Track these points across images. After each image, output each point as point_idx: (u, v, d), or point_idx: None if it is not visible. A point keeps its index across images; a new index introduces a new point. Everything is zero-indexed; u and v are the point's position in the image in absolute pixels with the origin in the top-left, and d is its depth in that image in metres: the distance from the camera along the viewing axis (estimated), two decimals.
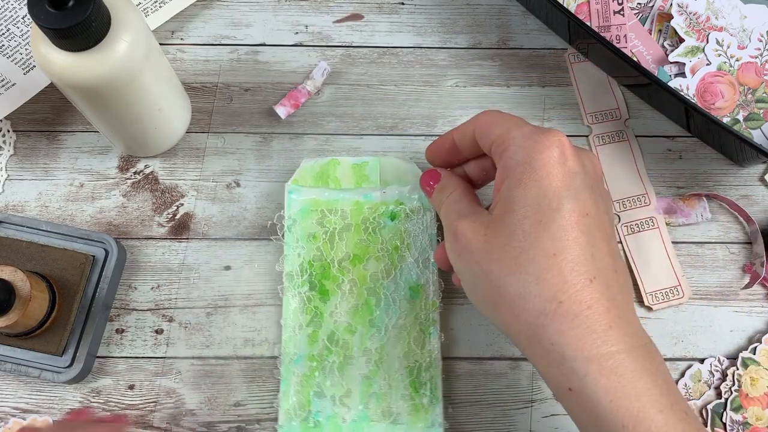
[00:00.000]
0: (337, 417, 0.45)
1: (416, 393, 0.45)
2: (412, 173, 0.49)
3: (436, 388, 0.45)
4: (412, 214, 0.48)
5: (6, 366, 0.45)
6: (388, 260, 0.47)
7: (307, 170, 0.49)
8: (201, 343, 0.47)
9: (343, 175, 0.49)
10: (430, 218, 0.48)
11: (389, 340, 0.46)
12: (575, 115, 0.52)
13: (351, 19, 0.55)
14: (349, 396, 0.45)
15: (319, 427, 0.45)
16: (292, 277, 0.47)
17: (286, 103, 0.51)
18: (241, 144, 0.51)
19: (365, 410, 0.45)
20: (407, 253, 0.47)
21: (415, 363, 0.45)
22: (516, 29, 0.54)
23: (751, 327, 0.48)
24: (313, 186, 0.48)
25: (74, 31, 0.37)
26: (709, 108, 0.51)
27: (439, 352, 0.46)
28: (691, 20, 0.52)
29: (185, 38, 0.54)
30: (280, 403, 0.45)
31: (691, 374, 0.47)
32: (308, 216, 0.48)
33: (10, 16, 0.51)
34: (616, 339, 0.33)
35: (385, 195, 0.48)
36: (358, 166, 0.49)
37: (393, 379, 0.45)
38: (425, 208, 0.48)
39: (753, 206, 0.51)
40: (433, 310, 0.46)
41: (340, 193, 0.48)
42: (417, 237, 0.48)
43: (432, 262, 0.47)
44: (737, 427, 0.46)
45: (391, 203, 0.48)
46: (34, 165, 0.51)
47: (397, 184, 0.48)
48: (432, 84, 0.53)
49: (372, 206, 0.48)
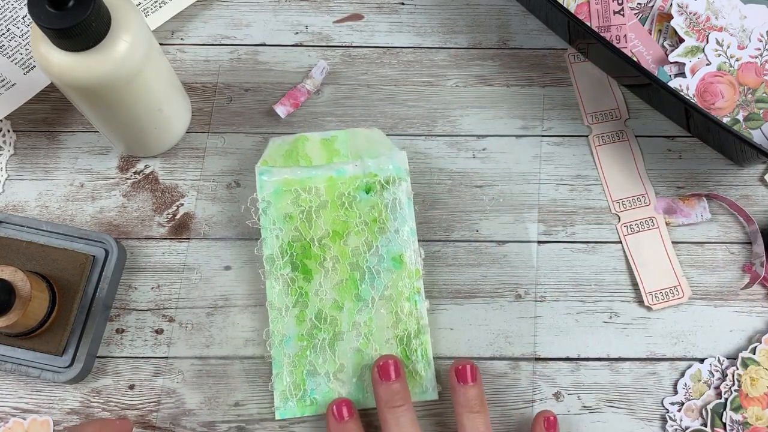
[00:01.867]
0: (333, 392, 0.45)
1: (408, 360, 0.46)
2: (382, 143, 0.49)
3: (426, 354, 0.46)
4: (387, 185, 0.48)
5: (6, 366, 0.45)
6: (368, 233, 0.47)
7: (275, 149, 0.49)
8: (201, 343, 0.47)
9: (312, 151, 0.49)
10: (406, 187, 0.48)
11: (377, 312, 0.46)
12: (575, 115, 0.52)
13: (351, 19, 0.55)
14: (342, 371, 0.46)
15: (316, 404, 0.45)
16: (272, 260, 0.47)
17: (286, 103, 0.51)
18: (241, 144, 0.51)
19: (359, 382, 0.45)
20: (386, 224, 0.47)
21: (404, 332, 0.46)
22: (516, 29, 0.54)
23: (751, 327, 0.48)
24: (284, 165, 0.48)
25: (74, 31, 0.37)
26: (709, 108, 0.51)
27: (426, 319, 0.46)
28: (691, 20, 0.52)
29: (185, 38, 0.54)
30: (274, 386, 0.45)
31: (691, 374, 0.47)
32: (282, 197, 0.48)
33: (10, 16, 0.51)
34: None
35: (357, 168, 0.48)
36: (327, 140, 0.49)
37: (384, 349, 0.46)
38: (400, 177, 0.48)
39: (753, 206, 0.51)
40: (417, 278, 0.47)
41: (312, 170, 0.48)
42: (394, 207, 0.48)
43: (412, 230, 0.47)
44: (737, 427, 0.46)
45: (365, 176, 0.48)
46: (34, 165, 0.51)
47: (368, 156, 0.48)
48: (432, 84, 0.53)
49: (346, 181, 0.48)
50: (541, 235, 0.50)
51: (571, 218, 0.50)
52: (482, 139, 0.52)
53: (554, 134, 0.52)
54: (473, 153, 0.51)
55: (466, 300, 0.48)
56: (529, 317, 0.48)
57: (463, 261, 0.49)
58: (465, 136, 0.52)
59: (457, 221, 0.50)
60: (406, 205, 0.48)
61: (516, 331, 0.48)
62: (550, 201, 0.50)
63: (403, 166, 0.48)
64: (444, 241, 0.49)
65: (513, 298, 0.49)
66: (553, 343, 0.48)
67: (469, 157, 0.51)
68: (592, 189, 0.51)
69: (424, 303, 0.47)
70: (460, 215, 0.50)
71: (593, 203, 0.51)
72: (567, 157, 0.51)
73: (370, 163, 0.48)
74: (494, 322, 0.48)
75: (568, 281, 0.49)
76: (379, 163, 0.48)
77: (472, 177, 0.51)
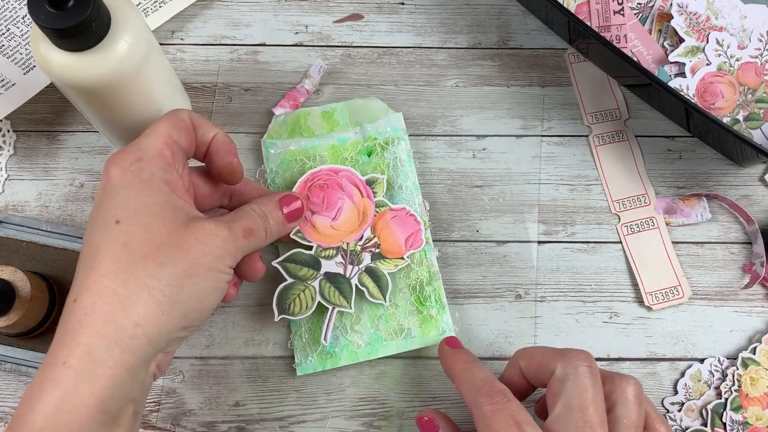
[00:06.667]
0: (351, 344, 0.46)
1: (422, 306, 0.47)
2: (379, 109, 0.51)
3: (440, 298, 0.47)
4: (387, 145, 0.49)
5: (6, 366, 0.45)
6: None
7: (279, 124, 0.50)
8: (201, 343, 0.47)
9: (314, 123, 0.50)
10: (405, 145, 0.50)
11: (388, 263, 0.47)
12: (575, 115, 0.52)
13: (351, 19, 0.55)
14: (359, 322, 0.47)
15: (336, 356, 0.46)
16: None
17: (285, 104, 0.51)
18: (241, 144, 0.51)
19: (377, 332, 0.46)
20: (390, 181, 0.49)
21: (416, 280, 0.47)
22: (516, 29, 0.54)
23: (751, 327, 0.48)
24: (288, 137, 0.50)
25: (74, 31, 0.37)
26: (709, 108, 0.51)
27: (436, 266, 0.48)
28: (691, 20, 0.52)
29: (185, 38, 0.54)
30: (293, 344, 0.46)
31: (691, 374, 0.47)
32: (289, 166, 0.49)
33: (10, 16, 0.51)
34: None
35: (357, 134, 0.50)
36: (327, 113, 0.51)
37: (398, 298, 0.47)
38: (398, 137, 0.50)
39: (753, 206, 0.51)
40: (426, 229, 0.48)
41: (315, 140, 0.50)
42: (396, 165, 0.49)
43: (415, 185, 0.49)
44: (737, 427, 0.46)
45: (365, 140, 0.50)
46: (34, 165, 0.51)
47: (367, 122, 0.50)
48: (432, 84, 0.53)
49: (347, 147, 0.50)
50: (541, 235, 0.50)
51: (571, 218, 0.50)
52: (482, 139, 0.52)
53: (554, 134, 0.52)
54: (473, 153, 0.51)
55: (466, 300, 0.48)
56: (529, 317, 0.48)
57: (463, 261, 0.49)
58: (465, 136, 0.52)
59: (457, 221, 0.50)
60: (406, 162, 0.49)
61: (516, 331, 0.48)
62: (550, 201, 0.51)
63: (400, 126, 0.50)
64: (444, 241, 0.49)
65: (513, 298, 0.49)
66: (554, 343, 0.48)
67: (469, 157, 0.51)
68: (592, 189, 0.51)
69: (434, 251, 0.48)
70: (460, 215, 0.50)
71: (593, 203, 0.51)
72: (567, 157, 0.51)
73: (368, 127, 0.50)
74: (494, 322, 0.48)
75: (568, 281, 0.49)
76: (377, 127, 0.50)
77: (472, 177, 0.51)
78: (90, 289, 0.34)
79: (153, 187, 0.36)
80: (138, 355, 0.33)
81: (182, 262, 0.35)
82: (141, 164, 0.36)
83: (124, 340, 0.33)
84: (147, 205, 0.35)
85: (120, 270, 0.34)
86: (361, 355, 0.46)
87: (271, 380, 0.47)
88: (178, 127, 0.39)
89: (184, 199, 0.38)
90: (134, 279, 0.34)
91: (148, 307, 0.34)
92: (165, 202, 0.36)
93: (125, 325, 0.33)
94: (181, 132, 0.39)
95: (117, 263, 0.34)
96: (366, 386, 0.47)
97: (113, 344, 0.33)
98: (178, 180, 0.38)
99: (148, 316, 0.34)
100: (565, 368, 0.37)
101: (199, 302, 0.36)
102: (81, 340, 0.33)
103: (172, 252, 0.35)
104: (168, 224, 0.35)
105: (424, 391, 0.47)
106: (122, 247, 0.34)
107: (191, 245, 0.35)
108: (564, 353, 0.38)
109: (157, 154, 0.37)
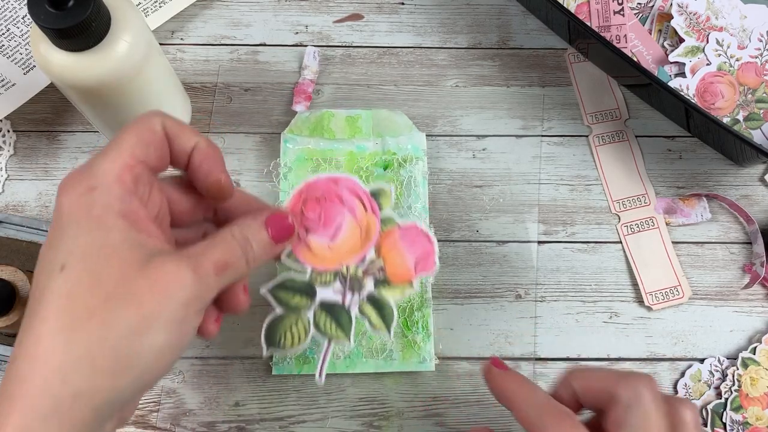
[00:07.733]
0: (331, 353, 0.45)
1: (408, 330, 0.47)
2: (404, 125, 0.50)
3: (427, 326, 0.47)
4: (405, 163, 0.49)
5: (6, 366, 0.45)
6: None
7: (302, 121, 0.50)
8: (201, 343, 0.47)
9: (337, 126, 0.50)
10: (422, 166, 0.49)
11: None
12: (575, 115, 0.52)
13: (351, 19, 0.55)
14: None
15: (313, 363, 0.46)
16: None
17: (299, 99, 0.52)
18: (241, 144, 0.51)
19: (358, 347, 0.46)
20: (400, 200, 0.48)
21: (407, 303, 0.47)
22: (516, 29, 0.54)
23: (751, 327, 0.48)
24: (308, 136, 0.50)
25: (74, 31, 0.37)
26: (709, 108, 0.51)
27: (430, 293, 0.47)
28: (691, 20, 0.52)
29: (185, 38, 0.54)
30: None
31: (691, 374, 0.47)
32: (303, 164, 0.49)
33: (10, 16, 0.51)
34: None
35: (377, 145, 0.50)
36: (352, 118, 0.50)
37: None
38: (417, 157, 0.49)
39: (753, 206, 0.51)
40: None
41: (335, 143, 0.49)
42: (409, 184, 0.49)
43: (424, 207, 0.48)
44: (737, 427, 0.46)
45: (384, 153, 0.49)
46: (34, 165, 0.51)
47: (389, 135, 0.50)
48: (432, 84, 0.53)
49: (365, 156, 0.49)
50: (541, 235, 0.50)
51: (571, 218, 0.50)
52: (482, 139, 0.52)
53: (554, 134, 0.52)
54: (473, 153, 0.51)
55: (466, 300, 0.48)
56: (529, 317, 0.48)
57: (463, 261, 0.49)
58: (465, 136, 0.52)
59: (457, 221, 0.50)
60: (421, 184, 0.49)
61: (516, 331, 0.48)
62: (550, 201, 0.51)
63: (422, 146, 0.50)
64: (444, 241, 0.49)
65: (513, 298, 0.49)
66: (554, 343, 0.48)
67: (469, 157, 0.51)
68: (592, 189, 0.51)
69: (431, 278, 0.48)
70: (460, 215, 0.50)
71: (593, 203, 0.51)
72: (567, 157, 0.51)
73: (390, 141, 0.50)
74: (494, 322, 0.48)
75: (568, 281, 0.49)
76: (398, 142, 0.50)
77: (472, 177, 0.51)
78: (27, 351, 0.29)
79: (106, 224, 0.30)
80: (80, 427, 0.29)
81: (134, 317, 0.29)
82: (93, 195, 0.30)
83: (62, 411, 0.28)
84: (99, 247, 0.30)
85: (61, 328, 0.29)
86: (338, 366, 0.46)
87: (271, 380, 0.47)
88: (146, 141, 0.32)
89: (148, 231, 0.32)
90: (76, 341, 0.29)
91: (92, 375, 0.29)
92: (121, 241, 0.30)
93: (62, 397, 0.28)
94: (150, 147, 0.32)
95: (59, 320, 0.29)
96: (366, 386, 0.47)
97: (49, 417, 0.28)
98: (140, 210, 0.32)
99: (91, 385, 0.29)
100: (628, 395, 0.35)
101: (155, 361, 0.30)
102: (14, 416, 0.28)
103: (121, 305, 0.29)
104: (122, 269, 0.30)
105: (424, 391, 0.47)
106: (66, 300, 0.29)
107: (144, 294, 0.30)
108: (626, 378, 0.35)
109: (115, 179, 0.31)
